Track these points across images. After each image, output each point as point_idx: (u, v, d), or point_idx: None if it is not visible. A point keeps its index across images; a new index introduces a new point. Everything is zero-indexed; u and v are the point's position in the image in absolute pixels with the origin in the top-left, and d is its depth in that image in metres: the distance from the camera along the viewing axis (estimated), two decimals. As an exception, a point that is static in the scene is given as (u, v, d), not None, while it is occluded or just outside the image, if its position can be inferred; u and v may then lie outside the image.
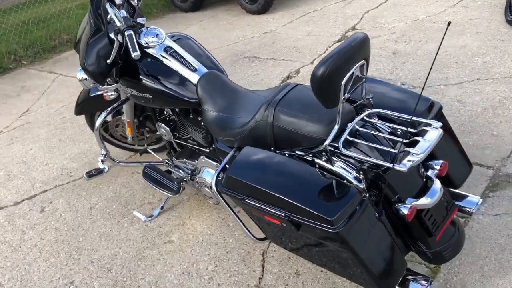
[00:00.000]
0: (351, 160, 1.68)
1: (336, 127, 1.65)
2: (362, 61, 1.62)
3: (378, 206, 1.67)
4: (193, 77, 2.15)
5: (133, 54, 1.99)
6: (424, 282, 1.67)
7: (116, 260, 2.31)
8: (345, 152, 1.62)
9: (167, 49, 2.19)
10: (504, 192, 2.34)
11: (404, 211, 1.60)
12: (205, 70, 2.18)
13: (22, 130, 3.72)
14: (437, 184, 1.66)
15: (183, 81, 2.15)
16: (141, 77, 2.17)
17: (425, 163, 1.76)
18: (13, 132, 3.71)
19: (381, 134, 1.67)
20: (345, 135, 1.65)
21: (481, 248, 2.07)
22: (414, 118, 1.68)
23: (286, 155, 1.81)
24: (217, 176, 1.99)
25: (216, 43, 4.88)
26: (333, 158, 1.71)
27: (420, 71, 3.57)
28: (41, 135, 3.58)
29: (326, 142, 1.67)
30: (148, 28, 2.20)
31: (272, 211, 1.62)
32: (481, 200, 1.93)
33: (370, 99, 1.83)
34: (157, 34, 2.19)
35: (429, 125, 1.64)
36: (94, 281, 2.21)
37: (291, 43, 4.54)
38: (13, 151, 3.42)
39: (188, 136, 2.39)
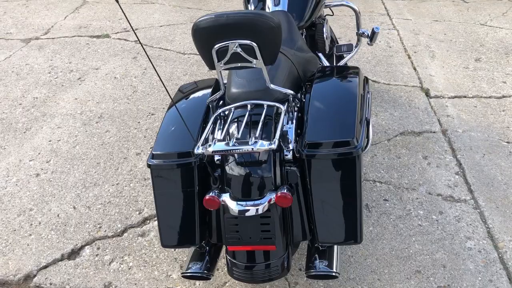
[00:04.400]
0: None
1: (220, 92, 1.63)
2: (247, 41, 1.44)
3: (215, 184, 1.62)
4: (270, 9, 2.25)
5: None
6: (199, 270, 1.61)
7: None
8: (211, 118, 1.60)
9: None
10: None
11: (207, 196, 1.53)
12: (283, 8, 2.23)
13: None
14: (255, 205, 1.46)
15: (263, 7, 2.29)
16: None
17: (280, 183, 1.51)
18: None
19: (243, 126, 1.52)
20: (230, 107, 1.60)
21: None
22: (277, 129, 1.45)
23: None
24: None
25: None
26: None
27: None
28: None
29: (208, 99, 1.68)
30: None
31: None
32: (332, 274, 1.52)
33: (290, 95, 1.60)
34: None
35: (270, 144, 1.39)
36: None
37: None
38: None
39: None
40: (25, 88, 3.29)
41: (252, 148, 1.38)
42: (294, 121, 1.63)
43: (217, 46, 1.46)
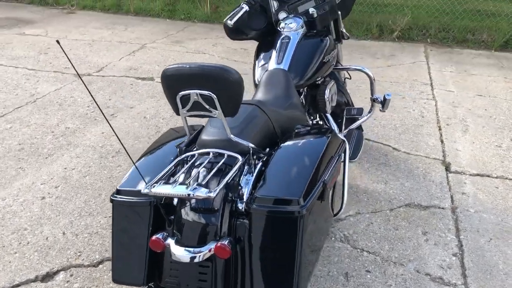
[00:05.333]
0: None
1: (185, 138, 1.70)
2: (206, 92, 1.49)
3: (169, 226, 1.65)
4: (272, 66, 2.31)
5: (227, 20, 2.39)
6: None
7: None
8: (173, 162, 1.65)
9: (284, 38, 2.39)
10: None
11: (154, 237, 1.56)
12: (283, 67, 2.28)
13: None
14: (194, 252, 1.46)
15: (267, 64, 2.35)
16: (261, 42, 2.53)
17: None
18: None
19: (196, 172, 1.55)
20: (193, 153, 1.65)
21: None
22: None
23: None
24: None
25: None
26: None
27: None
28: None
29: (176, 144, 1.74)
30: (295, 18, 2.45)
31: None
32: None
33: (251, 148, 1.62)
34: (294, 25, 2.43)
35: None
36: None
37: None
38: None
39: None
40: (62, 118, 3.55)
41: (191, 194, 1.39)
42: (254, 174, 1.63)
43: (180, 93, 1.53)
